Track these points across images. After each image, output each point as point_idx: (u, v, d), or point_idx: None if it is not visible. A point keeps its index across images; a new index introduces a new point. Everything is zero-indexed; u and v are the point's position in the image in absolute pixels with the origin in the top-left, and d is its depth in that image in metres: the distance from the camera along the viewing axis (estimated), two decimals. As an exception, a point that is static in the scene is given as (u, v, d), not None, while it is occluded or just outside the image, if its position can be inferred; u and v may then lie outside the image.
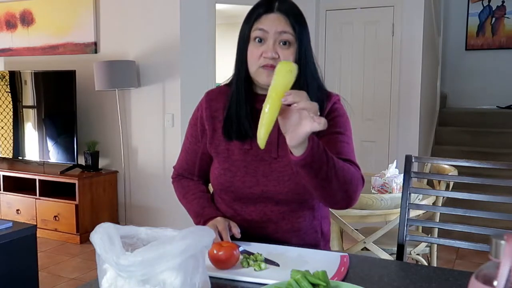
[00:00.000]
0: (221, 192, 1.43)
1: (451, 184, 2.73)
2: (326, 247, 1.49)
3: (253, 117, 1.33)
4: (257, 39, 1.30)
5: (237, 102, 1.35)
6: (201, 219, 1.39)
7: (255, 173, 1.36)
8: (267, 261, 1.18)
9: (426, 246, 2.70)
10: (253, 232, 1.38)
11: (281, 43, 1.29)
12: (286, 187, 1.34)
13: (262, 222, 1.38)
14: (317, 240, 1.43)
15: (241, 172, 1.37)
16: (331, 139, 1.32)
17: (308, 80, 1.32)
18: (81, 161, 4.39)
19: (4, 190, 4.49)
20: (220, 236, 1.29)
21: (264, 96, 1.28)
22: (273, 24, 1.29)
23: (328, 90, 1.43)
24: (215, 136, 1.41)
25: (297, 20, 1.31)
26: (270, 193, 1.35)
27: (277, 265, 1.17)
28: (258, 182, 1.36)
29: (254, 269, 1.15)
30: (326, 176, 1.16)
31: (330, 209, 2.22)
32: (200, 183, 1.52)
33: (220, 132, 1.39)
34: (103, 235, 0.89)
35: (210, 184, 1.54)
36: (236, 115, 1.35)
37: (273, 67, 1.27)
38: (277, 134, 1.33)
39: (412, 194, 1.68)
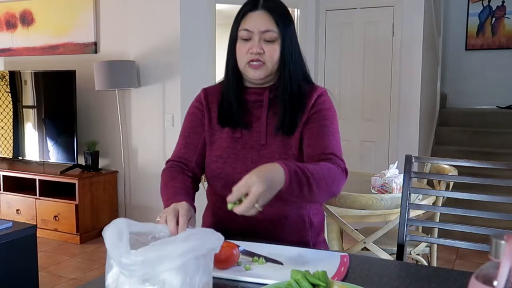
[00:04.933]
0: (213, 179, 1.48)
1: (451, 184, 2.73)
2: (318, 241, 1.50)
3: (242, 107, 1.46)
4: (243, 38, 1.39)
5: (228, 93, 1.46)
6: (171, 203, 1.31)
7: (245, 160, 1.43)
8: (269, 260, 1.19)
9: (426, 246, 2.70)
10: (240, 220, 1.40)
11: (266, 40, 1.38)
12: None
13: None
14: (305, 230, 1.45)
15: (231, 159, 1.44)
16: (319, 131, 1.39)
17: (292, 73, 1.41)
18: (81, 161, 4.39)
19: (4, 190, 4.49)
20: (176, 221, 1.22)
21: (253, 89, 1.45)
22: (256, 23, 1.37)
23: (315, 84, 1.50)
24: (211, 125, 1.49)
25: (281, 17, 1.39)
26: None
27: (281, 263, 1.17)
28: (247, 168, 1.38)
29: (244, 268, 1.15)
30: (309, 192, 1.23)
31: (328, 207, 2.23)
32: (189, 180, 1.47)
33: (215, 122, 1.48)
34: (114, 231, 0.90)
35: (200, 184, 1.56)
36: (227, 105, 1.46)
37: (259, 61, 1.38)
38: (265, 123, 1.43)
39: (412, 194, 1.68)
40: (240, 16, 1.41)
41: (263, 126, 1.43)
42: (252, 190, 1.09)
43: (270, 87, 1.44)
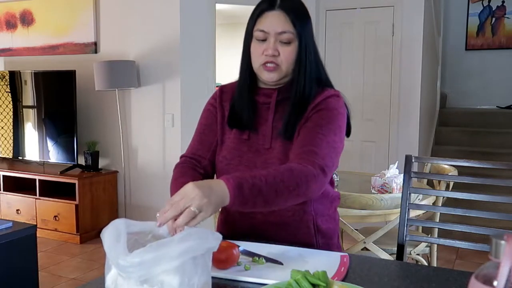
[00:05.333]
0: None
1: (451, 184, 2.73)
2: (328, 245, 1.46)
3: (253, 109, 1.42)
4: (259, 39, 1.35)
5: (240, 93, 1.43)
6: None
7: (248, 163, 1.40)
8: (269, 260, 1.19)
9: (426, 246, 2.70)
10: (242, 222, 1.42)
11: (282, 42, 1.34)
12: None
13: (251, 212, 1.39)
14: (309, 236, 1.42)
15: (235, 161, 1.42)
16: (310, 131, 1.32)
17: (306, 76, 1.37)
18: (81, 161, 4.39)
19: (4, 190, 4.49)
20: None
21: (263, 89, 1.41)
22: (272, 24, 1.33)
23: (328, 87, 1.43)
24: (223, 124, 1.47)
25: (298, 17, 1.34)
26: None
27: (281, 263, 1.17)
28: (250, 171, 1.38)
29: (244, 268, 1.15)
30: (265, 204, 1.15)
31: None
32: (199, 178, 1.45)
33: (226, 121, 1.46)
34: (112, 232, 0.90)
35: None
36: (237, 105, 1.43)
37: (273, 63, 1.34)
38: (271, 126, 1.40)
39: (412, 194, 1.68)
40: (256, 15, 1.36)
41: (269, 129, 1.40)
42: (184, 194, 1.03)
43: (279, 89, 1.40)
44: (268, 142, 1.40)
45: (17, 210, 4.42)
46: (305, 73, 1.36)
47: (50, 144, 4.45)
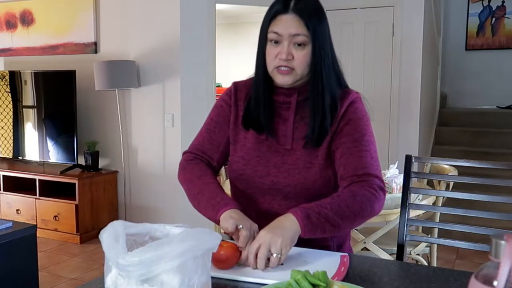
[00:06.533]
0: (234, 179, 1.45)
1: (451, 184, 2.73)
2: (342, 248, 1.46)
3: (270, 108, 1.40)
4: (273, 41, 1.34)
5: (256, 94, 1.40)
6: (221, 200, 1.32)
7: (267, 164, 1.39)
8: (269, 260, 1.18)
9: (426, 246, 2.70)
10: (259, 225, 1.39)
11: (296, 44, 1.32)
12: (295, 180, 1.36)
13: (269, 216, 1.36)
14: (325, 240, 1.41)
15: (254, 161, 1.40)
16: (351, 148, 1.34)
17: (324, 79, 1.35)
18: (81, 161, 4.39)
19: (4, 190, 4.49)
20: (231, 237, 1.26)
21: (282, 89, 1.38)
22: (286, 26, 1.31)
23: (348, 87, 1.44)
24: (236, 124, 1.45)
25: (312, 19, 1.32)
26: (280, 185, 1.37)
27: (281, 263, 1.17)
28: (268, 173, 1.38)
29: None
30: (333, 228, 1.24)
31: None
32: (214, 176, 1.46)
33: (240, 120, 1.44)
34: (111, 233, 0.90)
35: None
36: (254, 106, 1.40)
37: (287, 67, 1.32)
38: (292, 127, 1.39)
39: (412, 194, 1.68)
40: (270, 17, 1.34)
41: (289, 130, 1.39)
42: (260, 241, 1.15)
43: (299, 89, 1.38)
44: (289, 143, 1.38)
45: (17, 210, 4.42)
46: (322, 76, 1.34)
47: (50, 144, 4.46)
